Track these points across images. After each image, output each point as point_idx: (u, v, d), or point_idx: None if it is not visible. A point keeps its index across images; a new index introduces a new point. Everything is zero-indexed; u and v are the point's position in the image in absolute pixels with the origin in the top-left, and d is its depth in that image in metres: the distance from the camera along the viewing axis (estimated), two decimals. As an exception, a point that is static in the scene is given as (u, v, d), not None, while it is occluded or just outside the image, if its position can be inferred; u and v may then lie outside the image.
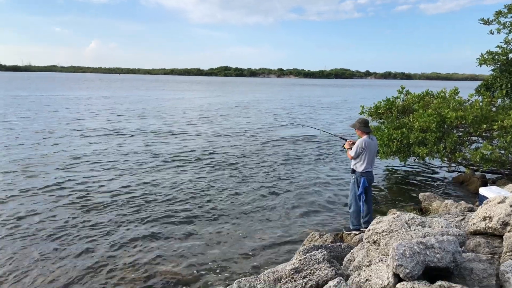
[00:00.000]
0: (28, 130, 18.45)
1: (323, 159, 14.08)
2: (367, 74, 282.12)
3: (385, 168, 12.74)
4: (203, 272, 5.81)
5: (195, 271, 5.83)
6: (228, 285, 4.82)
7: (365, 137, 6.69)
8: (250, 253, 6.48)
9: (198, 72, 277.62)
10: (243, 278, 4.66)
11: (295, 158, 13.97)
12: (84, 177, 10.52)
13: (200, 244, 6.76)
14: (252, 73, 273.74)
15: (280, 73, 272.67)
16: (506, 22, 11.67)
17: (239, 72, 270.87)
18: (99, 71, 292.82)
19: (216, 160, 13.20)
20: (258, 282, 4.50)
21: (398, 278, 3.26)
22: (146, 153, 14.05)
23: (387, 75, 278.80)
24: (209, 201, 9.03)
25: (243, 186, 10.28)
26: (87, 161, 12.41)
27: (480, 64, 12.10)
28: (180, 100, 43.67)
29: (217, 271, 5.85)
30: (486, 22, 12.06)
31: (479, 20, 12.11)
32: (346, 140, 7.28)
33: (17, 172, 10.85)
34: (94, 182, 10.12)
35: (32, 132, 17.95)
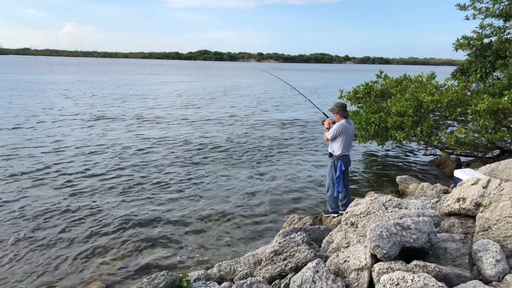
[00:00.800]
0: (7, 115, 17.97)
1: (303, 143, 14.18)
2: (346, 59, 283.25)
3: (363, 151, 12.92)
4: (184, 256, 5.82)
5: (175, 256, 5.84)
6: (209, 268, 4.84)
7: (343, 121, 6.74)
8: (230, 237, 6.52)
9: (177, 56, 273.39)
10: (223, 262, 4.70)
11: (276, 143, 14.03)
12: (66, 162, 10.36)
13: (180, 229, 6.75)
14: (232, 57, 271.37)
15: (260, 57, 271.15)
16: (482, 7, 11.87)
17: (218, 56, 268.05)
18: (75, 55, 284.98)
19: (198, 145, 13.15)
20: (239, 265, 4.54)
21: (375, 259, 3.34)
22: (131, 138, 13.89)
23: (366, 60, 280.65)
24: (189, 186, 9.00)
25: (224, 171, 10.27)
26: (68, 146, 12.18)
27: (456, 49, 12.31)
28: (161, 84, 43.08)
29: (197, 255, 5.87)
30: (463, 7, 12.23)
31: (455, 5, 12.26)
32: (328, 117, 7.29)
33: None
34: (74, 167, 9.95)
35: (12, 116, 17.56)
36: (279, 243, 4.34)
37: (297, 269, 3.87)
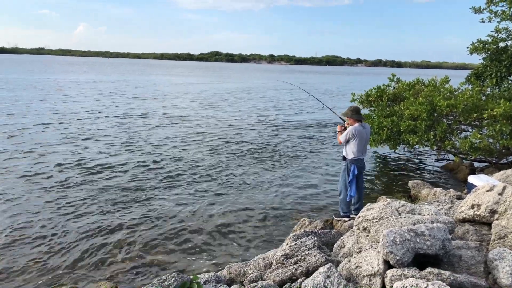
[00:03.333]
0: (35, 113, 18.41)
1: (317, 146, 14.12)
2: (358, 62, 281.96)
3: (375, 155, 12.81)
4: (194, 258, 5.81)
5: (185, 257, 5.83)
6: (219, 270, 4.82)
7: (356, 124, 6.69)
8: (240, 239, 6.50)
9: (189, 57, 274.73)
10: (233, 264, 4.68)
11: (291, 145, 14.01)
12: (76, 159, 10.45)
13: (190, 230, 6.75)
14: (243, 58, 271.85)
15: (271, 59, 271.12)
16: (498, 10, 11.70)
17: (230, 58, 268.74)
18: (88, 55, 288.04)
19: (214, 144, 13.24)
20: (249, 268, 4.51)
21: (388, 265, 3.29)
22: (150, 137, 14.00)
23: (378, 63, 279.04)
24: (201, 186, 9.01)
25: (235, 173, 10.26)
26: (78, 144, 12.31)
27: (471, 53, 12.14)
28: (179, 85, 43.33)
29: (208, 257, 5.86)
30: (478, 10, 12.06)
31: (470, 8, 12.11)
32: (344, 121, 7.24)
33: (18, 153, 10.96)
34: (82, 164, 10.05)
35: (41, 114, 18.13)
36: (290, 246, 4.30)
37: (308, 273, 3.84)
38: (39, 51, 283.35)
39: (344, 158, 6.88)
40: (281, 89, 41.51)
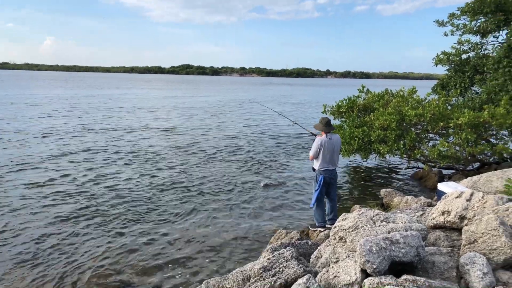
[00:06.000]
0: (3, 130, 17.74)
1: (290, 155, 14.23)
2: (328, 73, 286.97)
3: (347, 165, 13.02)
4: (170, 274, 5.72)
5: (161, 273, 5.73)
6: (197, 287, 4.77)
7: (323, 136, 6.81)
8: (217, 252, 6.45)
9: (159, 70, 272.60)
10: (211, 279, 4.64)
11: (264, 156, 14.05)
12: (54, 176, 10.13)
13: (166, 245, 6.65)
14: (215, 71, 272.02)
15: (243, 71, 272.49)
16: (459, 24, 12.23)
17: (201, 71, 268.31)
18: (56, 69, 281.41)
19: (184, 158, 13.05)
20: (227, 282, 4.48)
21: (365, 274, 3.34)
22: (130, 149, 13.71)
23: (347, 74, 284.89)
24: (173, 200, 8.91)
25: (208, 184, 10.20)
26: (53, 161, 11.95)
27: (436, 64, 12.62)
28: (158, 99, 42.82)
29: (185, 272, 5.78)
30: (441, 24, 12.58)
31: (434, 22, 12.63)
32: (315, 136, 7.36)
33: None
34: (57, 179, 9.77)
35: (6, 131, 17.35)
36: (268, 259, 4.30)
37: (286, 285, 3.85)
38: (3, 66, 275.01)
39: (314, 169, 6.99)
40: (255, 103, 41.69)
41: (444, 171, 11.21)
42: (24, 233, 7.00)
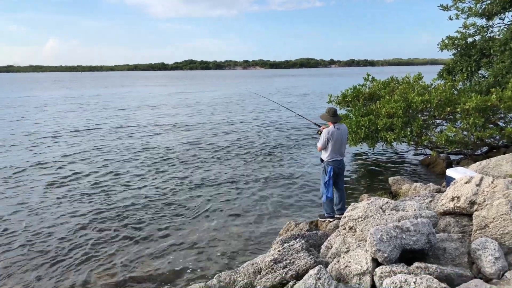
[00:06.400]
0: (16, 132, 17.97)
1: (297, 147, 14.21)
2: (331, 63, 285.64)
3: (355, 154, 12.97)
4: (181, 268, 5.76)
5: (174, 269, 5.76)
6: (208, 280, 4.79)
7: (330, 126, 6.78)
8: (227, 246, 6.47)
9: (163, 67, 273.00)
10: (222, 273, 4.66)
11: (271, 147, 14.09)
12: (59, 176, 10.22)
13: (177, 242, 6.69)
14: (218, 65, 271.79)
15: (246, 64, 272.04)
16: (464, 7, 12.05)
17: (204, 65, 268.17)
18: (60, 70, 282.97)
19: (194, 153, 13.09)
20: (238, 275, 4.50)
21: (376, 263, 3.34)
22: (129, 149, 13.79)
23: (351, 63, 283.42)
24: (184, 195, 8.95)
25: (217, 179, 10.23)
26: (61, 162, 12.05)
27: (442, 49, 12.47)
28: (165, 96, 42.91)
29: (196, 267, 5.81)
30: (445, 8, 12.41)
31: (438, 6, 12.45)
32: (320, 126, 7.33)
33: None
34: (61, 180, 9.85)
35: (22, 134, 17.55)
36: (278, 251, 4.31)
37: (297, 276, 3.86)
38: (8, 69, 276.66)
39: (322, 160, 6.96)
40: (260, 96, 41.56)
41: (452, 157, 11.12)
42: (42, 231, 7.10)
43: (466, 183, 4.89)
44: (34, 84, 78.81)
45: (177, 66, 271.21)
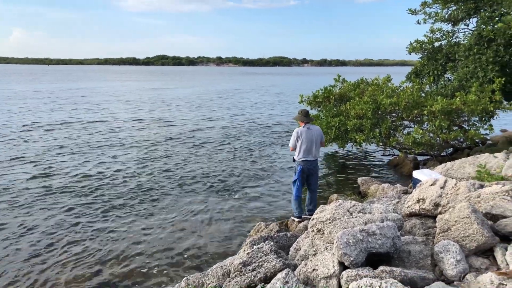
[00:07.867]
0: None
1: (271, 145, 14.26)
2: (304, 62, 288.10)
3: (325, 155, 13.13)
4: (150, 273, 5.66)
5: (141, 272, 5.67)
6: (176, 283, 4.74)
7: (301, 126, 6.85)
8: (196, 247, 6.41)
9: (134, 62, 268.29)
10: (191, 275, 4.62)
11: (243, 147, 14.07)
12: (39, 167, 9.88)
13: (144, 242, 6.58)
14: (191, 61, 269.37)
15: (219, 61, 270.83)
16: (431, 12, 12.39)
17: (177, 61, 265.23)
18: (26, 62, 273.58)
19: (159, 153, 12.92)
20: (207, 278, 4.47)
21: (343, 266, 3.38)
22: (110, 142, 13.45)
23: (323, 62, 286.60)
24: (150, 195, 8.82)
25: (191, 177, 10.12)
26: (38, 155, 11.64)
27: (410, 52, 12.78)
28: (138, 91, 42.05)
29: (165, 270, 5.74)
30: (413, 12, 12.72)
31: (407, 10, 12.75)
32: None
33: None
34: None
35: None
36: (248, 253, 4.31)
37: (266, 279, 3.87)
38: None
39: (294, 160, 7.04)
40: (236, 93, 41.53)
41: (419, 158, 11.43)
42: (24, 225, 6.88)
43: (431, 185, 5.03)
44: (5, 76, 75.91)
45: (148, 61, 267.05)
